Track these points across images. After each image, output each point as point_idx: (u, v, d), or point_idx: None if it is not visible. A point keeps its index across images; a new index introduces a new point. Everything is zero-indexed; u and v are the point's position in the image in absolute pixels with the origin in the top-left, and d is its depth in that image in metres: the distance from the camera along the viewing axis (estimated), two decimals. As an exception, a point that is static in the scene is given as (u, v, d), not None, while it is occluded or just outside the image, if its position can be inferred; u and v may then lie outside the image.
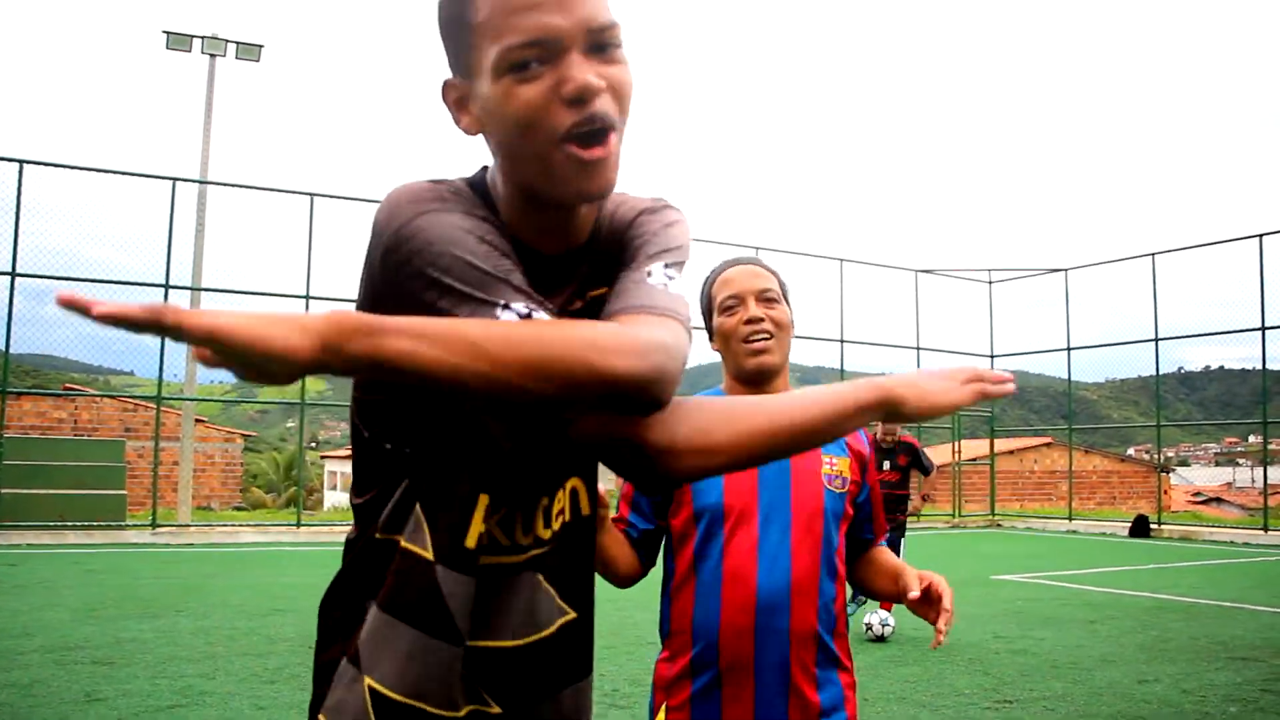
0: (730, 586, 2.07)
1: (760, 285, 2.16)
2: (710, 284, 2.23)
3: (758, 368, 2.13)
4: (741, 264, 2.23)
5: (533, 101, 1.10)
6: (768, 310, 2.14)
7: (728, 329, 2.16)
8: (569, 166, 1.12)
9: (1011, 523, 24.84)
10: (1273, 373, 21.09)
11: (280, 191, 17.86)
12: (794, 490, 2.12)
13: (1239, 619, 9.32)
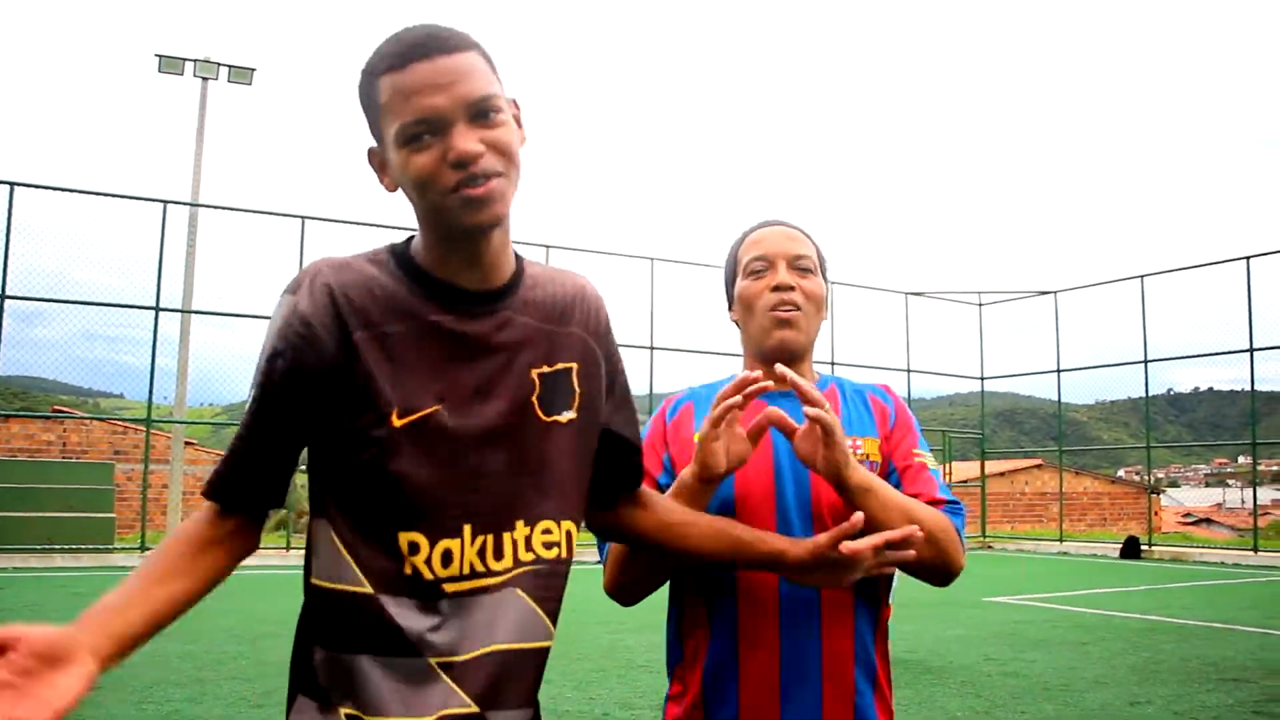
0: (747, 598, 1.78)
1: (795, 250, 1.91)
2: (738, 245, 1.99)
3: (780, 344, 1.87)
4: (776, 225, 1.96)
5: (426, 167, 1.35)
6: (800, 280, 1.89)
7: (751, 295, 1.90)
8: (460, 203, 1.35)
9: (1003, 544, 24.85)
10: (1262, 394, 21.20)
11: (271, 214, 17.86)
12: (813, 478, 1.80)
13: (1230, 640, 9.32)
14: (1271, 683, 7.29)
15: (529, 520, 1.44)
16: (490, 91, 1.37)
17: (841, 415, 1.90)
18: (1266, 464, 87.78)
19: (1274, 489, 75.52)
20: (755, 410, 1.76)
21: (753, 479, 1.82)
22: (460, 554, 1.39)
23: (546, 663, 1.48)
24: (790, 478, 1.82)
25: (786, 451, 1.81)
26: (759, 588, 1.78)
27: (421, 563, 1.37)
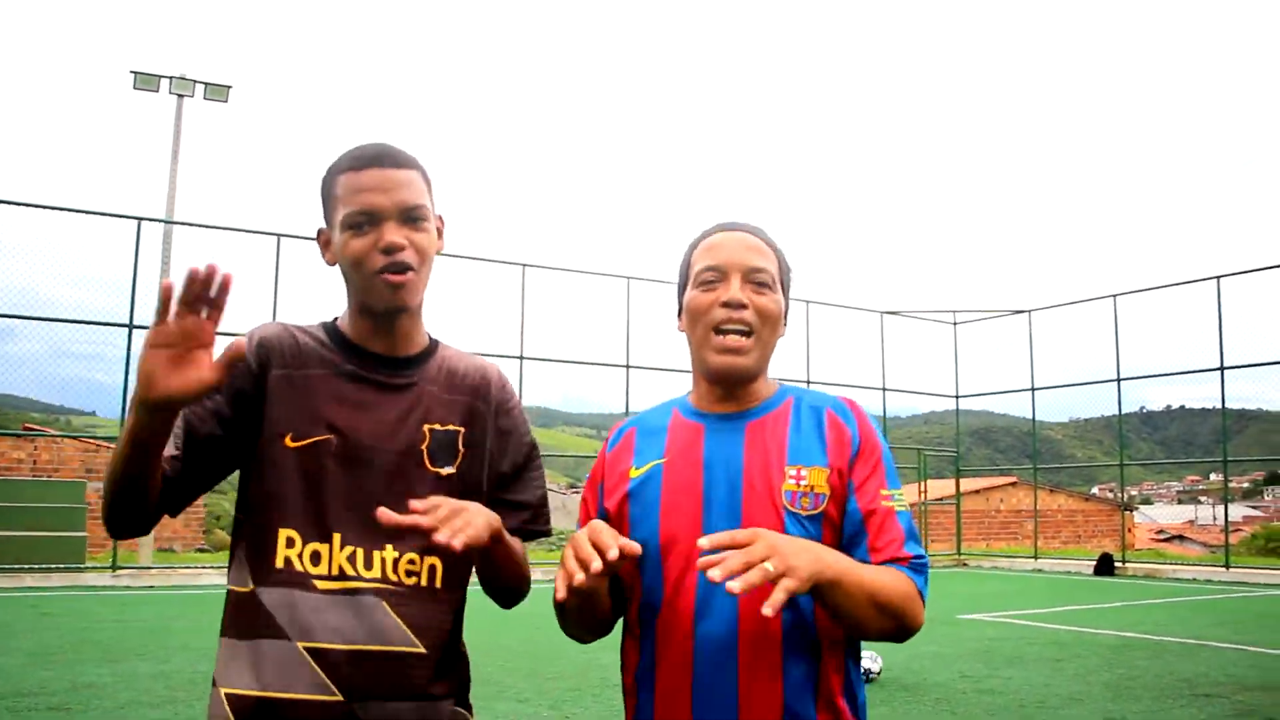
0: (664, 643, 1.69)
1: (752, 261, 1.74)
2: (692, 248, 1.82)
3: (725, 369, 1.72)
4: (735, 229, 1.79)
5: (360, 249, 1.72)
6: (755, 296, 1.73)
7: (699, 309, 1.73)
8: (382, 287, 1.73)
9: (978, 562, 24.94)
10: (1232, 412, 21.40)
11: (247, 232, 17.79)
12: (745, 516, 1.66)
13: (1203, 656, 9.39)
14: (1244, 698, 7.35)
15: (397, 547, 1.73)
16: (421, 203, 1.75)
17: (789, 440, 1.73)
18: (1238, 481, 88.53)
19: (1245, 506, 76.14)
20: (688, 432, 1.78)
21: (679, 516, 1.70)
22: (329, 557, 1.71)
23: (434, 665, 1.75)
24: (721, 512, 1.68)
25: (720, 484, 1.70)
26: (673, 628, 1.67)
27: (295, 556, 1.70)
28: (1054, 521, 33.61)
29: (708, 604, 1.65)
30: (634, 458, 1.80)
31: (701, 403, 1.82)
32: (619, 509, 1.78)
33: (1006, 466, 43.84)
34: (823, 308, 23.54)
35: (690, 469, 1.73)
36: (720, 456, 1.73)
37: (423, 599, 1.75)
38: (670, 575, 1.69)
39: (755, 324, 1.73)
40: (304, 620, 1.66)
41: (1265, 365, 20.19)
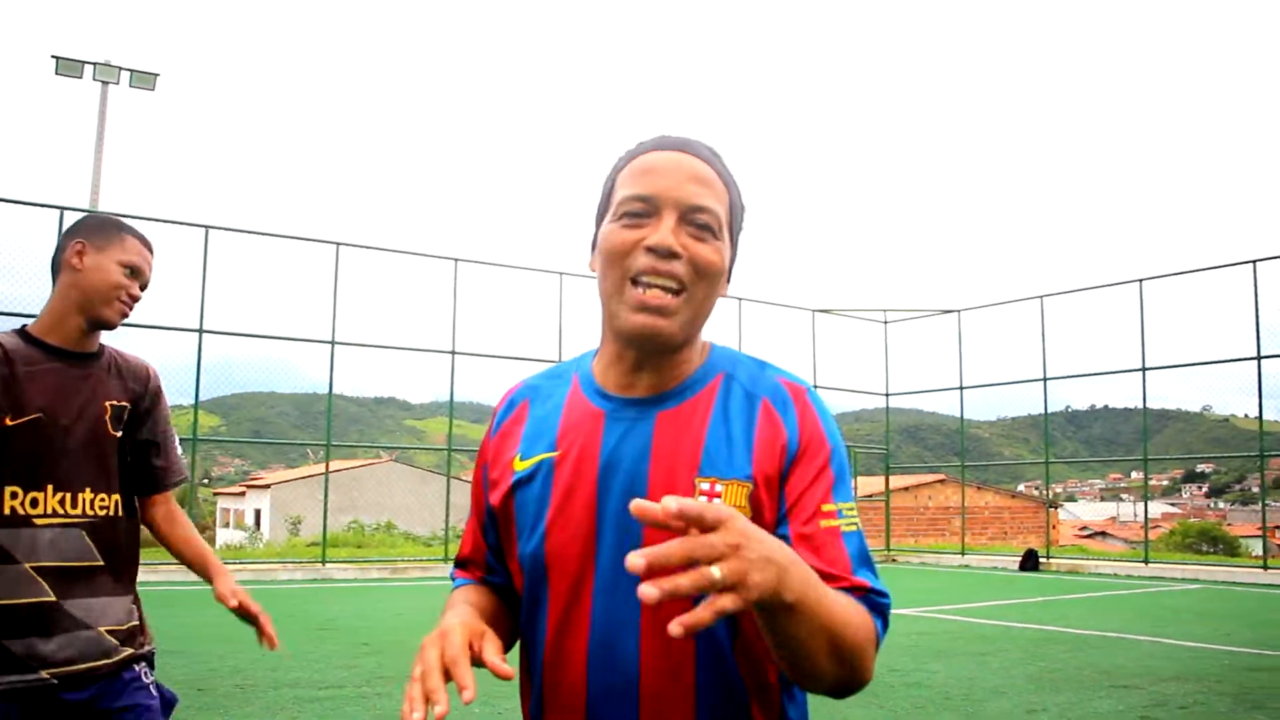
0: (552, 685, 1.37)
1: (694, 198, 1.30)
2: (622, 164, 1.38)
3: (641, 331, 1.31)
4: (678, 149, 1.34)
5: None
6: (692, 243, 1.31)
7: (617, 248, 1.31)
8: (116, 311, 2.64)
9: (906, 558, 25.31)
10: (1154, 412, 21.96)
11: (175, 223, 17.46)
12: (647, 536, 1.30)
13: (1121, 649, 9.64)
14: (1159, 688, 7.57)
15: (94, 489, 2.48)
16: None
17: (706, 441, 1.36)
18: (1157, 479, 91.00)
19: (1165, 503, 78.27)
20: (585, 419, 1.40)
21: (569, 536, 1.37)
22: (44, 501, 2.39)
23: (117, 572, 2.58)
24: (616, 532, 1.35)
25: (616, 496, 1.35)
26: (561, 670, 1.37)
27: (17, 505, 2.36)
28: (981, 518, 34.22)
29: (605, 644, 1.34)
30: (520, 443, 1.43)
31: (608, 375, 1.42)
32: (504, 508, 1.43)
33: (935, 464, 44.54)
34: (754, 305, 23.72)
35: (584, 472, 1.37)
36: (620, 458, 1.36)
37: (113, 526, 2.53)
38: (555, 606, 1.36)
39: (688, 279, 1.30)
40: (25, 548, 2.35)
41: (1184, 367, 20.77)
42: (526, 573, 1.39)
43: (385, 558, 19.93)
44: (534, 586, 1.39)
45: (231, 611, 2.71)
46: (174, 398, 25.73)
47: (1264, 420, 19.21)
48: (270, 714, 6.36)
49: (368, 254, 18.94)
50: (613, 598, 1.33)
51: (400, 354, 19.42)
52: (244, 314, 18.47)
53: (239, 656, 8.52)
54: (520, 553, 1.40)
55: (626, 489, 1.35)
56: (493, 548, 1.49)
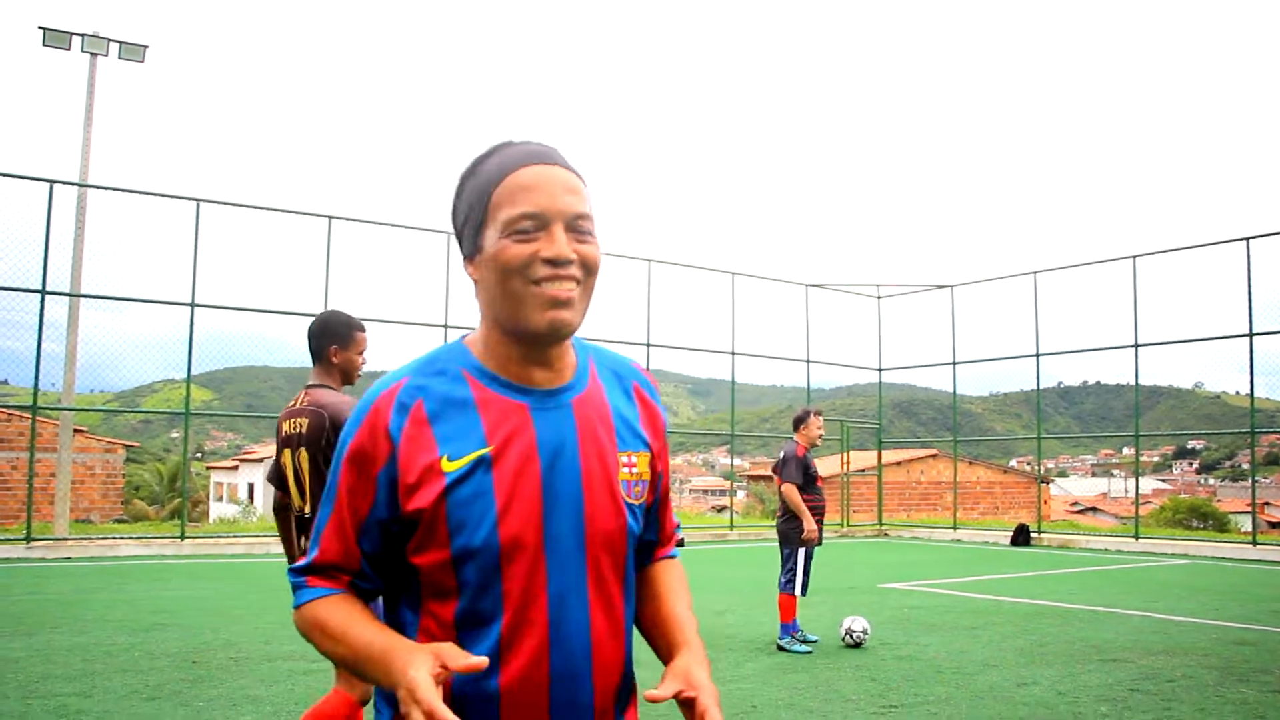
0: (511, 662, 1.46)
1: (577, 208, 1.47)
2: (493, 181, 1.48)
3: (552, 327, 1.46)
4: (549, 164, 1.49)
5: None
6: (579, 246, 1.47)
7: (513, 261, 1.44)
8: None
9: (898, 532, 25.42)
10: (1145, 388, 22.04)
11: (165, 196, 17.37)
12: (588, 514, 1.50)
13: (1111, 623, 9.70)
14: (1148, 662, 7.62)
15: None
16: None
17: (613, 420, 1.58)
18: (1149, 455, 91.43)
19: (1156, 479, 78.64)
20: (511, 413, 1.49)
21: (521, 526, 1.46)
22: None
23: None
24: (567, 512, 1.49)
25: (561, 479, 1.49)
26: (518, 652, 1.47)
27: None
28: (973, 493, 34.37)
29: (561, 612, 1.48)
30: (440, 445, 1.46)
31: (507, 369, 1.52)
32: (434, 509, 1.45)
33: (927, 439, 44.65)
34: (747, 279, 23.69)
35: (525, 461, 1.47)
36: (556, 444, 1.50)
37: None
38: (513, 591, 1.46)
39: (581, 277, 1.47)
40: None
41: (1177, 344, 20.82)
42: (472, 564, 1.44)
43: (378, 531, 19.95)
44: (483, 575, 1.45)
45: None
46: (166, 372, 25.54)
47: (1255, 397, 19.28)
48: (265, 686, 6.37)
49: (360, 227, 18.89)
50: (565, 571, 1.49)
51: (393, 328, 19.40)
52: (236, 288, 18.44)
53: (232, 629, 8.54)
54: (461, 546, 1.44)
55: (566, 471, 1.50)
56: (369, 554, 1.49)
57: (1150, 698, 6.44)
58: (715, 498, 60.63)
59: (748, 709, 6.06)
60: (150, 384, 62.13)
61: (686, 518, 28.90)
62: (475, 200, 1.49)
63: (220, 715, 5.60)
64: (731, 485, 29.94)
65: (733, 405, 23.79)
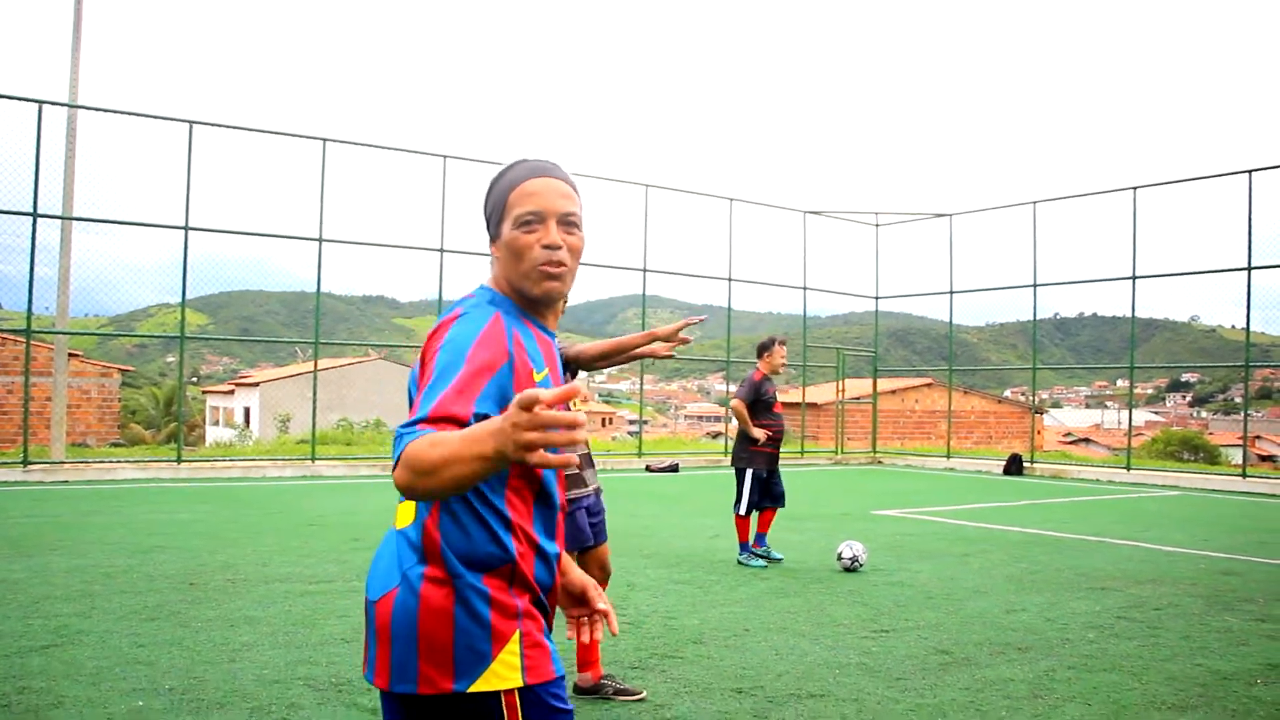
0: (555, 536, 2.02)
1: (565, 208, 2.02)
2: (509, 187, 2.05)
3: (547, 294, 2.02)
4: (549, 177, 2.05)
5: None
6: (567, 236, 2.02)
7: (522, 247, 2.00)
8: None
9: (892, 460, 25.59)
10: (1141, 320, 21.98)
11: (157, 118, 17.13)
12: None
13: (1101, 552, 9.80)
14: (1135, 590, 7.71)
15: None
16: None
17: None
18: (1142, 387, 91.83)
19: (1149, 411, 79.04)
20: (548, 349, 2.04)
21: None
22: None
23: None
24: None
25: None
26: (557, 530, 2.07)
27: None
28: (967, 422, 34.56)
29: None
30: (531, 359, 1.94)
31: (537, 317, 2.08)
32: None
33: (923, 368, 44.70)
34: (745, 206, 23.53)
35: (556, 380, 2.03)
36: (559, 370, 2.07)
37: None
38: (559, 486, 2.02)
39: (568, 260, 2.02)
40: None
41: (1175, 276, 20.75)
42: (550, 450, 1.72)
43: (375, 455, 20.04)
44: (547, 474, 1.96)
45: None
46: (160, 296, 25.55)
47: (1251, 331, 19.27)
48: (262, 607, 6.44)
49: (355, 150, 18.67)
50: None
51: (388, 252, 19.27)
52: (230, 211, 18.23)
53: (228, 552, 8.61)
54: None
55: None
56: (478, 416, 1.75)
57: (1136, 625, 6.53)
58: (710, 424, 60.94)
59: (740, 631, 6.14)
60: (145, 308, 62.05)
61: (681, 444, 29.07)
62: (498, 200, 2.05)
63: (218, 635, 5.66)
64: (726, 412, 30.03)
65: (729, 332, 23.77)
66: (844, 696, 4.81)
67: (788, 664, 5.42)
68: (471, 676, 1.78)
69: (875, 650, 5.74)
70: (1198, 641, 6.10)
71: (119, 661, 5.06)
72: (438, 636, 1.77)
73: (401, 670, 1.79)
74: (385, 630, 1.82)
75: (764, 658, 5.54)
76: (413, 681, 1.78)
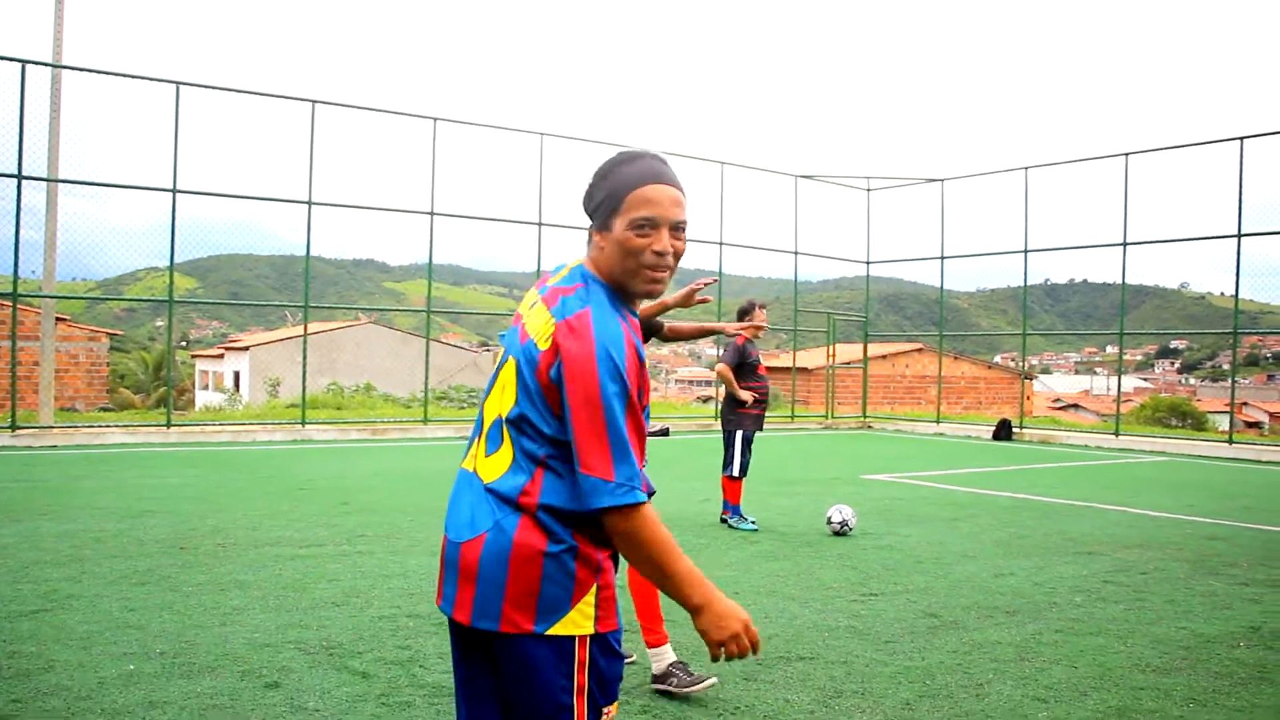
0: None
1: (677, 216, 2.13)
2: (627, 188, 2.12)
3: (648, 294, 2.15)
4: (665, 183, 2.14)
5: None
6: (675, 242, 2.13)
7: (633, 248, 2.10)
8: None
9: (882, 425, 25.67)
10: (1131, 287, 22.04)
11: (144, 79, 16.95)
12: None
13: (1088, 517, 9.87)
14: (1122, 555, 7.77)
15: None
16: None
17: None
18: (1132, 354, 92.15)
19: (1138, 377, 79.34)
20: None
21: None
22: None
23: None
24: None
25: None
26: None
27: None
28: (957, 388, 34.65)
29: None
30: (640, 354, 2.10)
31: (630, 304, 2.20)
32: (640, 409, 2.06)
33: (913, 333, 44.78)
34: (736, 169, 23.44)
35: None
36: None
37: None
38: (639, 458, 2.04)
39: (672, 264, 2.14)
40: None
41: (1166, 243, 20.76)
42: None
43: (365, 419, 20.03)
44: None
45: None
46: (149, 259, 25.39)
47: (1240, 299, 19.31)
48: (252, 571, 6.45)
49: (345, 112, 18.51)
50: None
51: (378, 215, 19.14)
52: (219, 174, 18.12)
53: (219, 516, 8.61)
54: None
55: None
56: None
57: (1123, 589, 6.58)
58: (700, 388, 60.99)
59: (730, 595, 6.13)
60: (133, 272, 61.64)
61: (672, 408, 29.10)
62: (611, 194, 2.12)
63: (209, 600, 5.67)
64: (717, 376, 30.09)
65: (720, 296, 23.71)
66: (833, 659, 4.84)
67: (777, 627, 5.45)
68: (550, 621, 1.97)
69: (864, 613, 5.78)
70: (1182, 605, 6.15)
71: (109, 626, 5.07)
72: (526, 582, 1.95)
73: (484, 609, 1.98)
74: (472, 571, 2.00)
75: (753, 621, 5.56)
76: (495, 620, 1.97)
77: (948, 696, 4.33)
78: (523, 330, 2.12)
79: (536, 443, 2.01)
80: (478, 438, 2.14)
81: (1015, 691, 4.42)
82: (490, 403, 2.12)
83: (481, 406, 2.18)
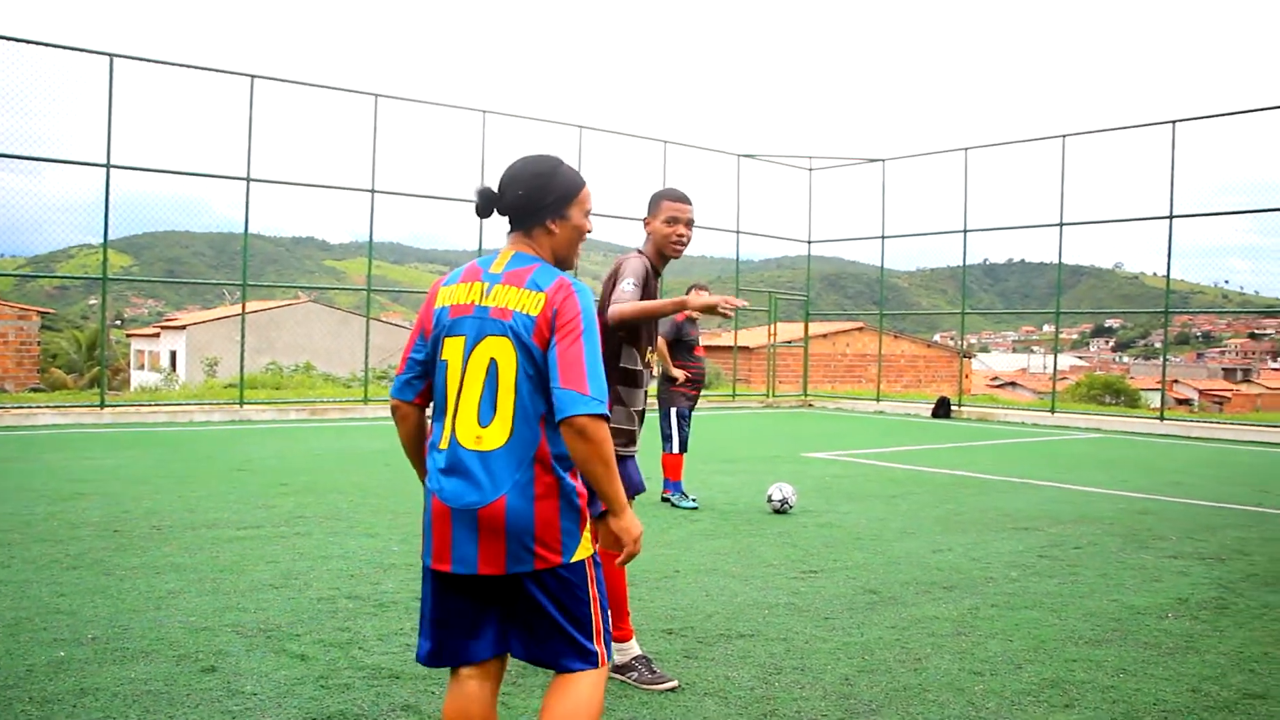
0: None
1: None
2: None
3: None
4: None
5: None
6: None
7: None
8: None
9: (823, 403, 25.88)
10: (1068, 267, 22.40)
11: (76, 50, 16.48)
12: None
13: (1024, 493, 10.04)
14: (1057, 530, 7.92)
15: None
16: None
17: None
18: (1068, 333, 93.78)
19: (1073, 356, 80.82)
20: None
21: None
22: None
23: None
24: None
25: None
26: None
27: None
28: (897, 366, 35.07)
29: None
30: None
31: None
32: None
33: (854, 312, 45.20)
34: (679, 148, 23.40)
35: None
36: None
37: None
38: None
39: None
40: None
41: (1101, 224, 21.16)
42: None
43: (304, 399, 19.78)
44: None
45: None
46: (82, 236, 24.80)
47: (1171, 279, 19.74)
48: (188, 554, 6.34)
49: (284, 88, 18.17)
50: None
51: (318, 192, 18.87)
52: (155, 149, 17.72)
53: (155, 498, 8.46)
54: None
55: None
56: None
57: (1057, 563, 6.71)
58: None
59: (671, 573, 6.19)
60: (65, 249, 60.14)
61: (615, 389, 29.03)
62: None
63: (143, 583, 5.57)
64: (654, 354, 30.09)
65: (661, 276, 23.79)
66: (773, 636, 4.88)
67: (717, 605, 5.48)
68: (571, 551, 2.46)
69: (804, 590, 5.83)
70: (1114, 578, 6.29)
71: (39, 611, 4.96)
72: (550, 524, 2.41)
73: (516, 556, 2.39)
74: (500, 526, 2.39)
75: (694, 599, 5.60)
76: (529, 561, 2.40)
77: (886, 671, 4.39)
78: (495, 310, 2.46)
79: (539, 400, 2.43)
80: (454, 416, 2.48)
81: (952, 665, 4.48)
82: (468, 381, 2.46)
83: (443, 389, 2.53)
